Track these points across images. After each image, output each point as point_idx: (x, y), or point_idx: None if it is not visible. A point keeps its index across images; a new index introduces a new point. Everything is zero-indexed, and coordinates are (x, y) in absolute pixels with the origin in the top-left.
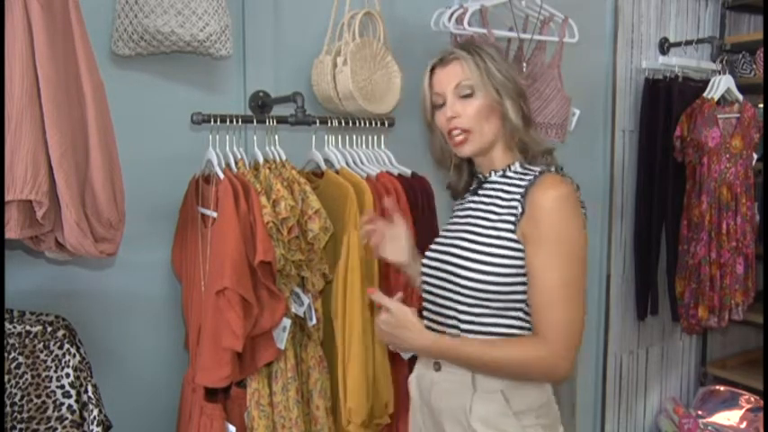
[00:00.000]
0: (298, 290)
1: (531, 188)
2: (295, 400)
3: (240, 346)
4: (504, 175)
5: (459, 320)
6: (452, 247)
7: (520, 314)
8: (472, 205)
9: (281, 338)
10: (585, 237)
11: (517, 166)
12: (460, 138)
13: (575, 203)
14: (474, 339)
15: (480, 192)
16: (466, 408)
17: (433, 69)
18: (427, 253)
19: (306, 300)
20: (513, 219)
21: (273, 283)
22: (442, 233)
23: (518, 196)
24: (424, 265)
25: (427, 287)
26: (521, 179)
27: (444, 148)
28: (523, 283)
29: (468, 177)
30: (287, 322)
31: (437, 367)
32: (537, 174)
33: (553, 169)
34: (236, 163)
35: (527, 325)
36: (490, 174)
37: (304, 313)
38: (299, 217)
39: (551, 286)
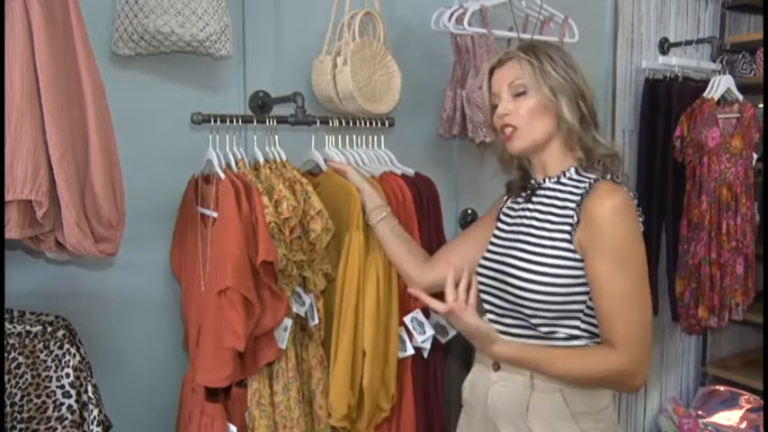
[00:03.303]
0: (299, 290)
1: (587, 197)
2: (296, 399)
3: (243, 345)
4: (558, 182)
5: (531, 327)
6: (510, 257)
7: (578, 322)
8: (527, 213)
9: (283, 338)
10: (642, 242)
11: (572, 172)
12: (508, 134)
13: (631, 211)
14: (553, 351)
15: (534, 199)
16: (523, 408)
17: (492, 71)
18: (482, 261)
19: (307, 300)
20: (568, 228)
21: (275, 283)
22: (495, 240)
23: (573, 205)
24: (481, 274)
25: (488, 297)
26: (576, 187)
27: (505, 149)
28: (581, 293)
29: (524, 176)
30: (288, 322)
31: (496, 367)
32: (591, 182)
33: (608, 176)
34: (237, 163)
35: (584, 334)
36: (544, 180)
37: (305, 313)
38: (300, 217)
39: (621, 295)
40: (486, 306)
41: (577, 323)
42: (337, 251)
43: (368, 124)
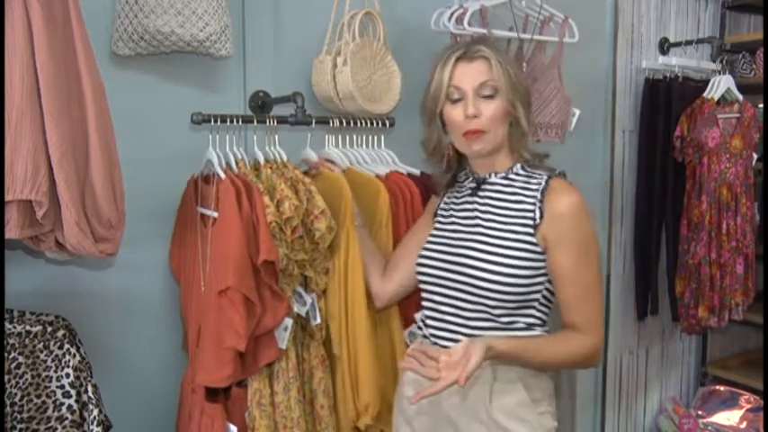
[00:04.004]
0: (300, 289)
1: (548, 194)
2: (296, 399)
3: (243, 345)
4: (506, 177)
5: (493, 318)
6: (470, 250)
7: (533, 311)
8: (478, 207)
9: (283, 338)
10: (597, 235)
11: (519, 168)
12: (474, 135)
13: (586, 206)
14: (538, 341)
15: (481, 193)
16: (485, 400)
17: (456, 61)
18: (430, 254)
19: (309, 299)
20: (531, 223)
21: (276, 282)
22: (438, 233)
23: (532, 200)
24: (433, 266)
25: (444, 290)
26: (527, 182)
27: (442, 141)
28: (540, 283)
29: (454, 174)
30: (288, 322)
31: None
32: (546, 178)
33: (558, 173)
34: (237, 163)
35: (538, 321)
36: (490, 175)
37: (307, 313)
38: (303, 217)
39: (584, 284)
40: (442, 299)
41: (533, 312)
42: (331, 249)
43: (368, 124)
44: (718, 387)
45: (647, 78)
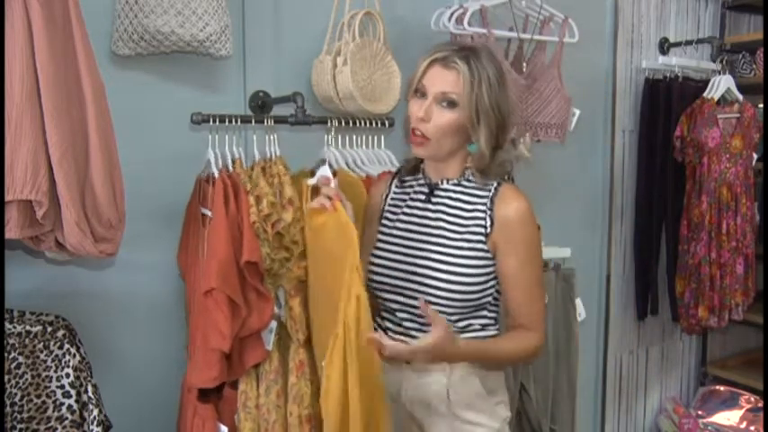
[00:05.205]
0: (279, 292)
1: (497, 202)
2: (275, 404)
3: (228, 346)
4: (458, 184)
5: (450, 323)
6: (423, 260)
7: (486, 312)
8: (430, 214)
9: (268, 340)
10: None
11: (470, 175)
12: (417, 140)
13: (532, 210)
14: (495, 341)
15: (434, 200)
16: (443, 395)
17: (433, 62)
18: (382, 261)
19: (283, 301)
20: (482, 231)
21: (261, 283)
22: (390, 238)
23: (483, 207)
24: (383, 275)
25: (400, 297)
26: (479, 189)
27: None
28: (491, 286)
29: (421, 160)
30: (273, 324)
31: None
32: (495, 185)
33: (507, 178)
34: (234, 162)
35: (491, 321)
36: (442, 181)
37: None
38: (279, 211)
39: (529, 285)
40: (397, 306)
41: (486, 313)
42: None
43: (368, 124)
44: (718, 387)
45: (647, 78)
